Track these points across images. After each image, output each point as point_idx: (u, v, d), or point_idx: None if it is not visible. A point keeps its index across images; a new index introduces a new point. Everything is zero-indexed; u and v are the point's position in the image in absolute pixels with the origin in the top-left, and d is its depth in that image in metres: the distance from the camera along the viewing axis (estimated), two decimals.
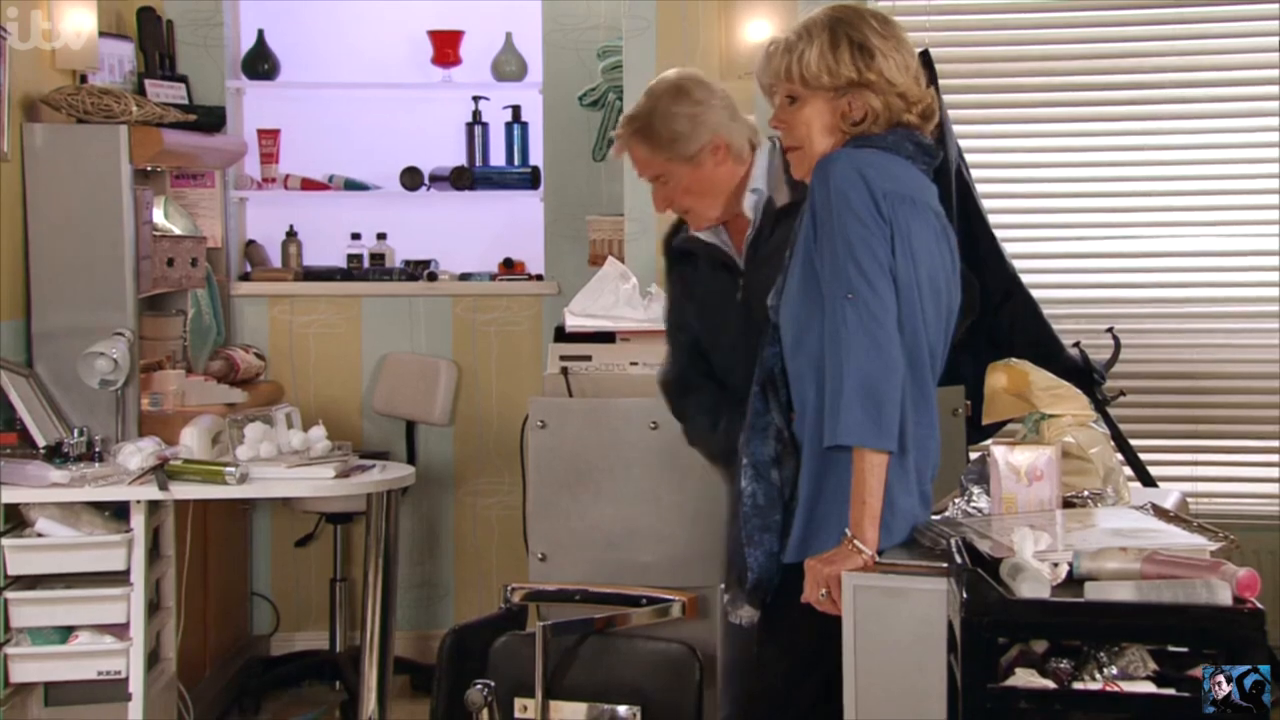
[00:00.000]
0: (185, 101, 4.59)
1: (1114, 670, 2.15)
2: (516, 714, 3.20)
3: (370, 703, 3.79)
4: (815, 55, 2.48)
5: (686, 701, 3.22)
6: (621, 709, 3.21)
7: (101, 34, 4.27)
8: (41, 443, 3.74)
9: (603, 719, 3.22)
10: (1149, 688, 2.14)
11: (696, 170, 2.95)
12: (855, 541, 2.38)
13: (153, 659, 3.87)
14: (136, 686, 3.69)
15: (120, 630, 3.69)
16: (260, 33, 5.01)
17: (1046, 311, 4.47)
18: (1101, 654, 2.16)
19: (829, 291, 2.40)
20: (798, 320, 2.46)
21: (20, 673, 3.67)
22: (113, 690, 3.71)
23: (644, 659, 3.25)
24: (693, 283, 3.07)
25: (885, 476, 2.38)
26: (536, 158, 5.02)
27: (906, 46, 2.54)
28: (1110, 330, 4.47)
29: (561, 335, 3.87)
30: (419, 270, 4.94)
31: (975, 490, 2.82)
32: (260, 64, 4.99)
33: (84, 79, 4.20)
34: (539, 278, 4.99)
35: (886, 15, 2.56)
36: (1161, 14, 4.58)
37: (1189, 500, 3.41)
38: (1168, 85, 4.60)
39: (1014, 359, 3.05)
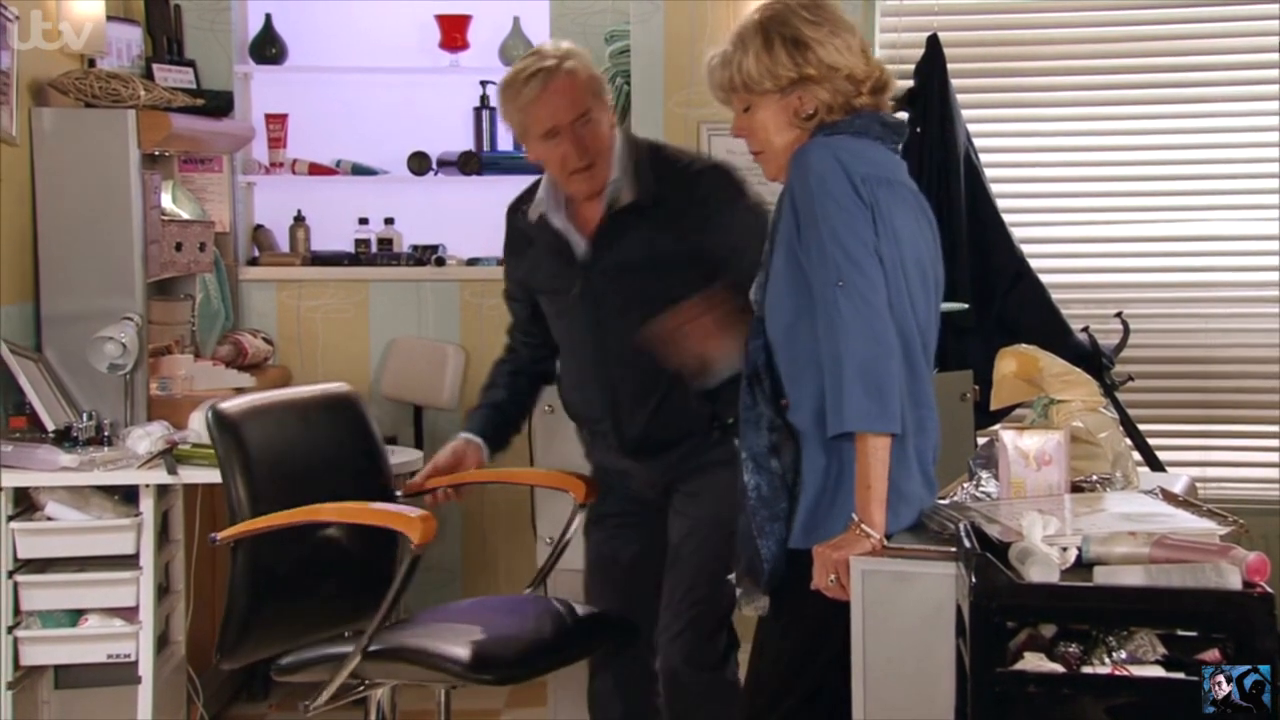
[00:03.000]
0: (193, 86, 4.59)
1: (1123, 654, 2.15)
2: None
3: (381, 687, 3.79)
4: (752, 62, 2.50)
5: None
6: None
7: (109, 18, 4.27)
8: (51, 427, 3.75)
9: None
10: (1158, 672, 2.14)
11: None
12: (863, 526, 2.38)
13: (162, 642, 3.88)
14: (146, 670, 3.70)
15: (130, 614, 3.71)
16: (268, 17, 5.01)
17: (1055, 296, 4.47)
18: (1110, 638, 2.16)
19: (818, 280, 2.40)
20: (787, 311, 2.47)
21: (30, 655, 3.68)
22: (122, 673, 3.72)
23: None
24: (531, 262, 3.12)
25: (889, 460, 2.38)
26: None
27: (844, 25, 2.53)
28: (1119, 315, 4.47)
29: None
30: (426, 255, 4.94)
31: (984, 475, 2.82)
32: (268, 48, 4.99)
33: (92, 63, 4.20)
34: None
35: (816, 0, 2.54)
36: None
37: (1198, 485, 3.41)
38: (1175, 69, 4.60)
39: (1024, 344, 3.04)
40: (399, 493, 3.23)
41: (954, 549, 2.36)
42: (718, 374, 2.86)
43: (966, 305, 4.35)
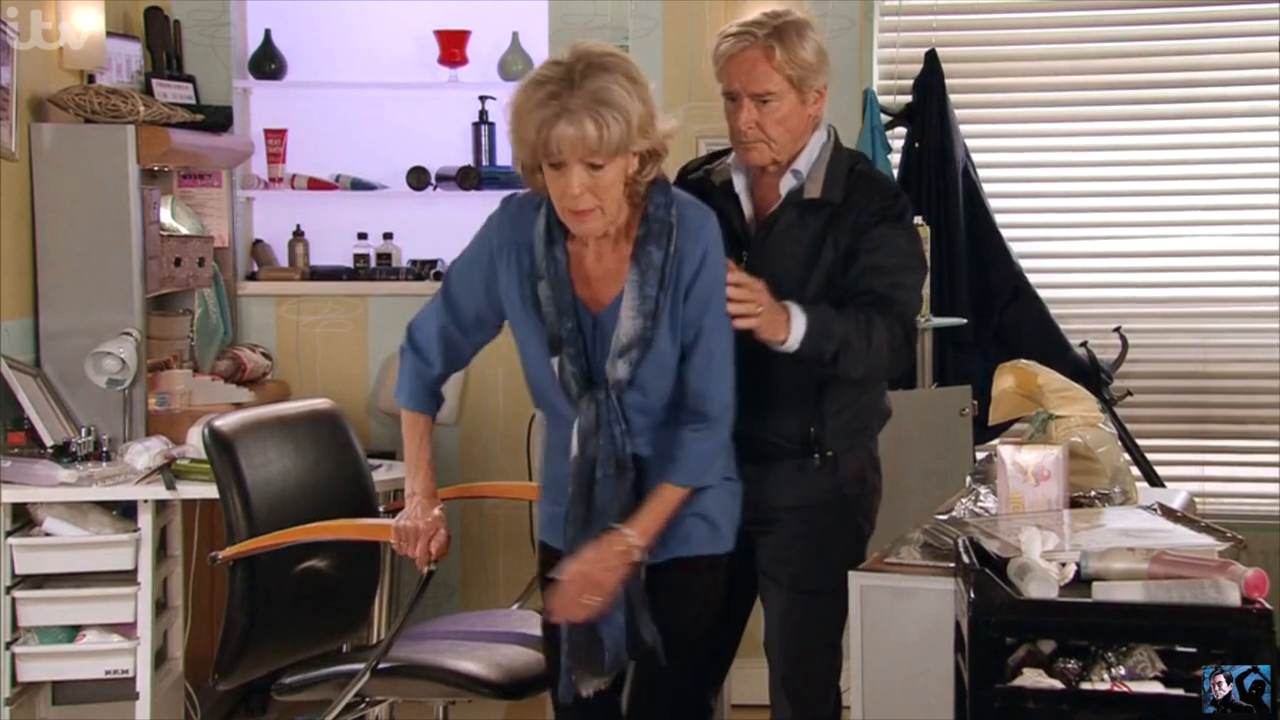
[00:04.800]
0: (192, 101, 4.60)
1: (1122, 670, 2.15)
2: None
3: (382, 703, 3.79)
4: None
5: None
6: None
7: (109, 34, 4.27)
8: (49, 442, 3.74)
9: None
10: (1157, 688, 2.14)
11: (801, 105, 2.86)
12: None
13: (160, 658, 3.88)
14: (144, 685, 3.70)
15: (128, 629, 3.70)
16: (267, 32, 5.01)
17: (1054, 311, 4.48)
18: (1109, 654, 2.16)
19: (721, 344, 2.62)
20: (671, 383, 2.62)
21: (28, 671, 3.68)
22: (120, 689, 3.72)
23: None
24: None
25: None
26: None
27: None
28: (1118, 330, 4.47)
29: None
30: (425, 270, 4.94)
31: (982, 490, 2.82)
32: (267, 64, 4.99)
33: (91, 79, 4.21)
34: None
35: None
36: (1168, 13, 4.59)
37: (1196, 500, 3.41)
38: (1175, 84, 4.61)
39: (1022, 360, 3.05)
40: (381, 509, 3.22)
41: (952, 564, 2.36)
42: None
43: (965, 320, 4.36)
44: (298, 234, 5.03)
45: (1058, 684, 2.15)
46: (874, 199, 2.90)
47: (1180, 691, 2.12)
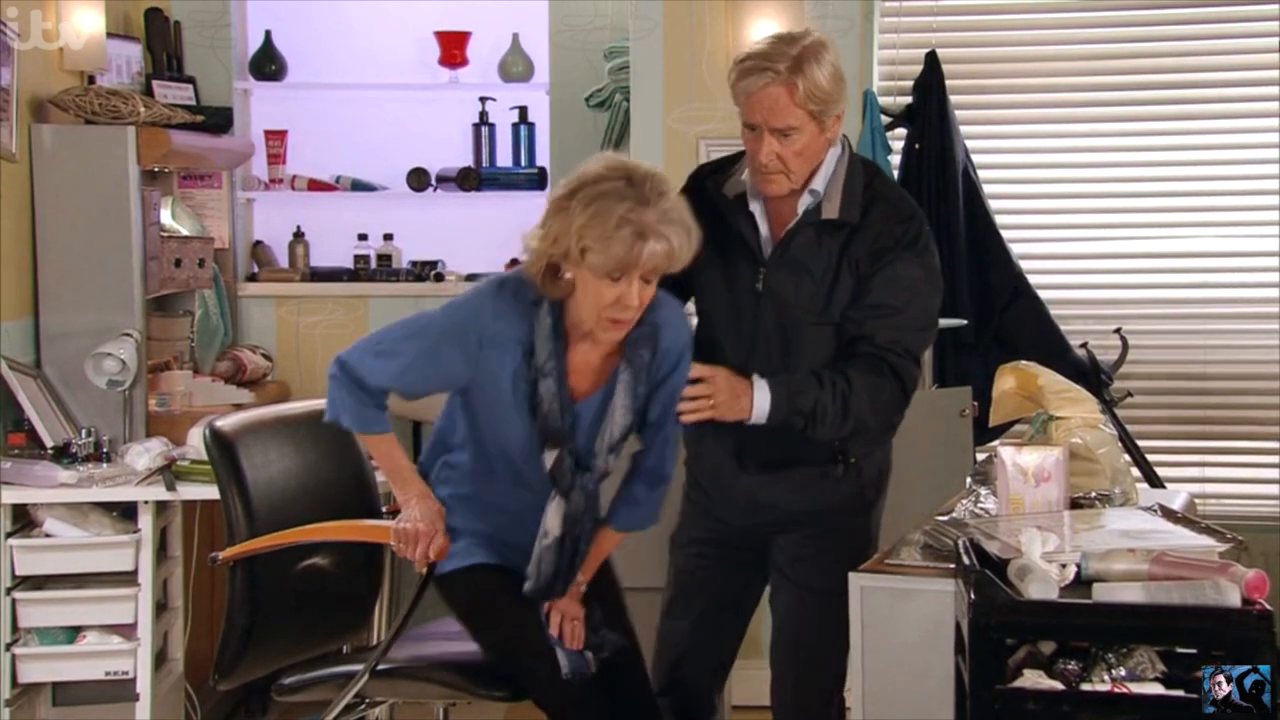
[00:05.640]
0: (193, 102, 4.60)
1: (1122, 671, 2.15)
2: None
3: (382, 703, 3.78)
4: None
5: None
6: None
7: (109, 35, 4.27)
8: (49, 443, 3.74)
9: None
10: (1157, 689, 2.14)
11: (820, 135, 2.83)
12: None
13: (160, 659, 3.88)
14: (144, 686, 3.70)
15: (128, 630, 3.70)
16: (267, 33, 5.01)
17: (1054, 312, 4.47)
18: (1110, 655, 2.16)
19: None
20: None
21: (28, 673, 3.68)
22: (120, 690, 3.72)
23: None
24: (705, 234, 2.86)
25: None
26: (543, 158, 5.02)
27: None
28: (1118, 331, 4.47)
29: None
30: (426, 271, 4.94)
31: (982, 491, 2.82)
32: (267, 65, 5.00)
33: (92, 80, 4.21)
34: None
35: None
36: (1169, 14, 4.58)
37: (1197, 501, 3.41)
38: (1175, 85, 4.60)
39: (1023, 361, 3.05)
40: (384, 509, 3.22)
41: (953, 566, 2.36)
42: None
43: (965, 321, 4.35)
44: (298, 235, 5.03)
45: (1058, 685, 2.15)
46: (891, 222, 2.87)
47: (1181, 693, 2.12)
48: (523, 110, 5.04)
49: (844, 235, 2.87)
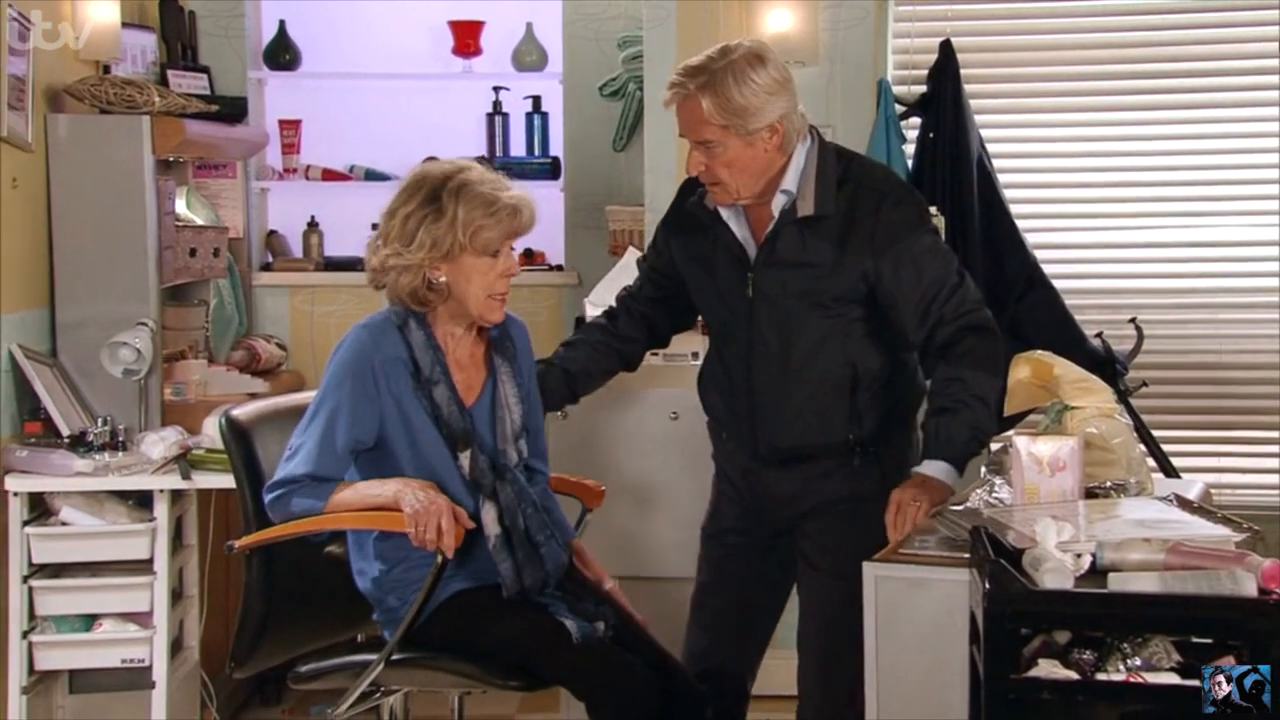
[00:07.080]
0: (207, 92, 4.60)
1: (1137, 661, 2.14)
2: None
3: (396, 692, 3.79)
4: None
5: None
6: None
7: (124, 25, 4.28)
8: (65, 432, 3.76)
9: None
10: (1172, 679, 2.13)
11: (748, 148, 2.84)
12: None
13: (176, 647, 3.89)
14: (160, 674, 3.71)
15: (144, 618, 3.72)
16: (281, 23, 5.02)
17: (1069, 302, 4.46)
18: (1125, 645, 2.16)
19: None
20: None
21: (45, 660, 3.69)
22: (136, 678, 3.73)
23: None
24: (692, 250, 3.03)
25: None
26: (557, 148, 5.02)
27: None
28: (1133, 321, 4.45)
29: (581, 325, 3.87)
30: None
31: (997, 480, 2.81)
32: (282, 54, 5.00)
33: (107, 70, 4.22)
34: (559, 268, 5.00)
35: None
36: (1188, 2, 4.56)
37: (1213, 491, 3.40)
38: (1191, 74, 4.58)
39: (1038, 350, 3.04)
40: None
41: (967, 555, 2.36)
42: None
43: None
44: (312, 225, 5.04)
45: (1073, 675, 2.14)
46: (881, 210, 2.87)
47: (1196, 683, 2.12)
48: (536, 100, 5.04)
49: (836, 229, 2.87)
